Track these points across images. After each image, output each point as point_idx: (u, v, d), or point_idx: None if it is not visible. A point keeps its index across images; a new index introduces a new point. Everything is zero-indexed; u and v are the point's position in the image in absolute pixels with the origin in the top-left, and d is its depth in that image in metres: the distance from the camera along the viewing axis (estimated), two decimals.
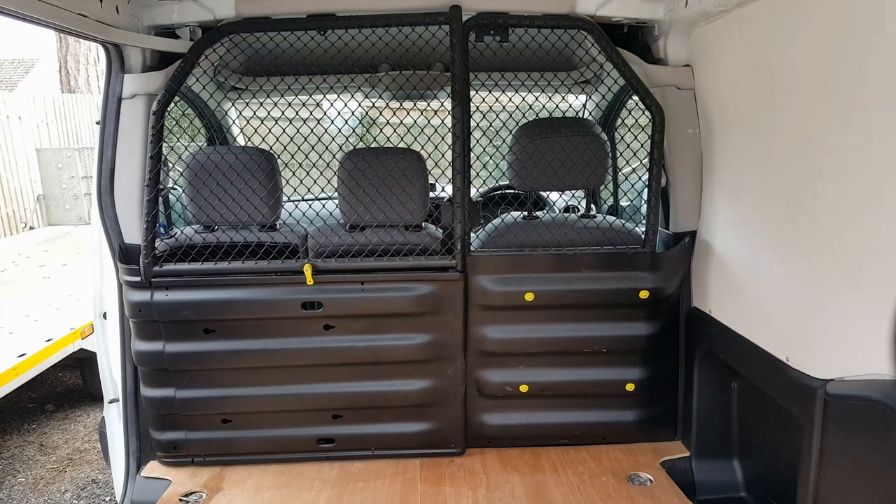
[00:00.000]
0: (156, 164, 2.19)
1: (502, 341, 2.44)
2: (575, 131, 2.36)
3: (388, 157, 2.33)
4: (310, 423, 2.47)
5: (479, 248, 2.39)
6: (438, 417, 2.50)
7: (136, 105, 2.29)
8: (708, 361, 2.38)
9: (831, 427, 1.57)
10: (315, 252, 2.37)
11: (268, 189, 2.30)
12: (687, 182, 2.38)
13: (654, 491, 2.29)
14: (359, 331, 2.38)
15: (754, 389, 2.20)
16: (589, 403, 2.53)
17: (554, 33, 2.29)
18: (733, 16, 1.98)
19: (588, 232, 2.39)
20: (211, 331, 2.35)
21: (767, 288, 1.92)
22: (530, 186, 2.45)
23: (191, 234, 2.39)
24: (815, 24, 1.59)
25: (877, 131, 1.39)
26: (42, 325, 4.45)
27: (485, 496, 2.28)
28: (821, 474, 1.61)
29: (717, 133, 2.23)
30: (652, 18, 2.33)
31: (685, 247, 2.37)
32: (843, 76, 1.49)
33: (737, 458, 2.41)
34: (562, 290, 2.38)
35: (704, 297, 2.36)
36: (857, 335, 1.50)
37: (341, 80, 2.69)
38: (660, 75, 2.35)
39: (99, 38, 2.04)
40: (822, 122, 1.60)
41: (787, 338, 1.80)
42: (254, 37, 2.28)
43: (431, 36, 2.26)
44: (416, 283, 2.34)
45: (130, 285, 2.31)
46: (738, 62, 2.03)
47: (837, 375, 1.57)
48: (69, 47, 15.38)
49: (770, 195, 1.90)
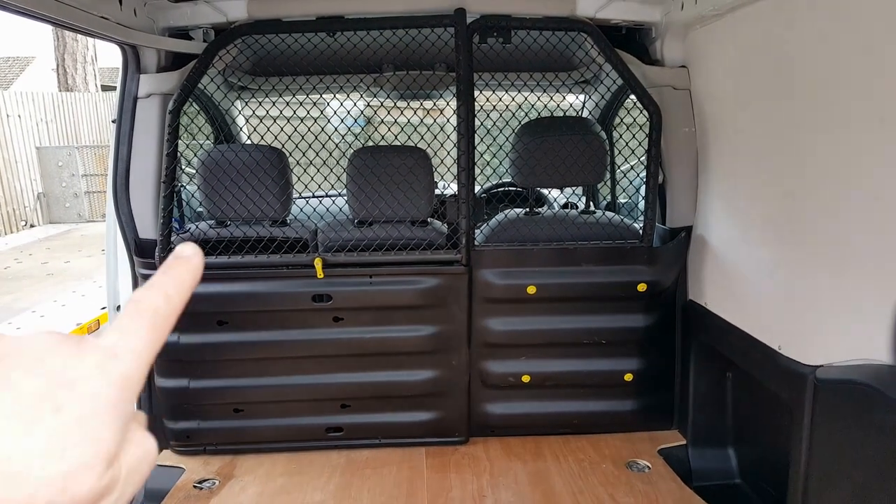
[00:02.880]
0: (172, 162, 2.26)
1: (505, 333, 2.52)
2: (575, 130, 2.44)
3: (395, 154, 2.40)
4: (319, 412, 2.55)
5: (483, 242, 2.47)
6: (443, 407, 2.58)
7: (152, 104, 2.36)
8: (703, 352, 2.46)
9: (820, 410, 1.66)
10: (325, 246, 2.44)
11: (280, 185, 2.37)
12: (683, 179, 2.46)
13: (651, 477, 2.37)
14: (367, 323, 2.46)
15: (748, 379, 2.28)
16: (588, 393, 2.61)
17: (555, 35, 2.37)
18: (727, 19, 2.06)
19: (588, 227, 2.47)
20: (224, 322, 2.42)
21: (760, 280, 2.00)
22: (532, 183, 2.52)
23: (205, 228, 2.46)
24: (807, 26, 1.67)
25: (867, 130, 1.47)
26: (48, 321, 4.52)
27: (489, 482, 2.36)
28: (811, 456, 1.70)
29: (711, 132, 2.31)
30: (649, 21, 2.41)
31: (681, 241, 2.46)
32: (834, 76, 1.58)
33: (731, 446, 2.49)
34: (563, 284, 2.46)
35: (700, 289, 2.44)
36: (844, 323, 1.58)
37: (350, 80, 2.76)
38: (657, 76, 2.43)
39: (118, 40, 2.11)
40: (812, 121, 1.68)
41: (778, 327, 1.89)
42: (265, 38, 2.34)
43: (437, 38, 2.33)
44: (422, 276, 2.42)
45: (146, 279, 2.37)
46: (732, 63, 2.12)
47: (826, 361, 1.65)
48: (66, 46, 15.39)
49: (762, 191, 1.98)
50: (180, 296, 0.41)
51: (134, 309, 0.39)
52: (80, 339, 0.36)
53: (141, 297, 0.40)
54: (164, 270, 0.42)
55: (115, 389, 0.35)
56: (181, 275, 0.42)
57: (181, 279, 0.42)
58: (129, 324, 0.38)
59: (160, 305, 0.40)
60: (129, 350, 0.37)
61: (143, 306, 0.39)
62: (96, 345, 0.36)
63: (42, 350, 0.35)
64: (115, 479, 0.34)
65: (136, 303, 0.39)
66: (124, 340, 0.37)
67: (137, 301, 0.39)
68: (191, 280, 0.42)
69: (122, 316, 0.39)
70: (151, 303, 0.40)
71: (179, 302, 0.41)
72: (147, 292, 0.40)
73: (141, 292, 0.40)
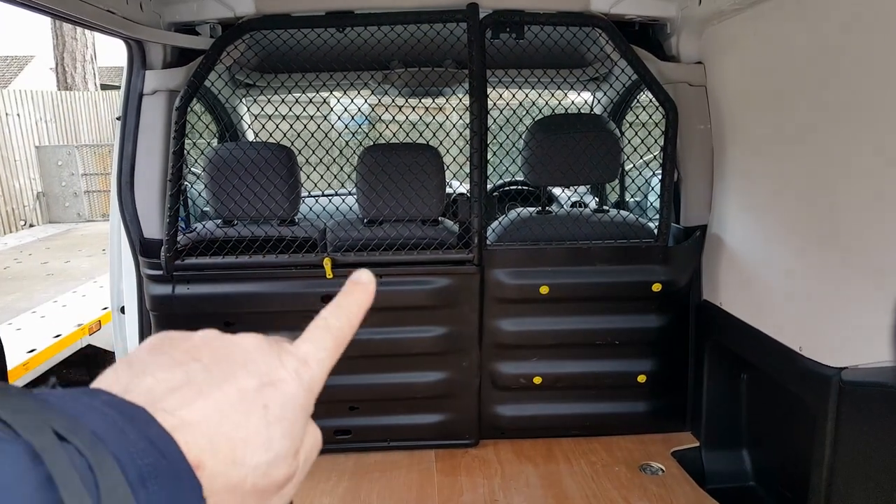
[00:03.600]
0: (178, 160, 2.22)
1: (517, 334, 2.48)
2: (589, 127, 2.40)
3: (405, 152, 2.36)
4: (327, 414, 2.51)
5: (496, 241, 2.43)
6: (453, 409, 2.54)
7: (158, 101, 2.32)
8: (718, 353, 2.43)
9: (845, 414, 1.62)
10: (334, 246, 2.40)
11: (289, 184, 2.33)
12: (698, 177, 2.43)
13: (665, 480, 2.34)
14: (377, 323, 2.41)
15: (764, 380, 2.25)
16: (601, 395, 2.57)
17: (569, 30, 2.33)
18: (747, 14, 2.02)
19: (602, 226, 2.43)
20: (231, 323, 2.38)
21: (779, 280, 1.96)
22: (545, 182, 2.49)
23: (212, 228, 2.42)
24: (831, 21, 1.63)
25: (890, 128, 1.44)
26: (49, 322, 4.47)
27: (500, 485, 2.32)
28: (835, 460, 1.66)
29: (728, 129, 2.27)
30: (665, 16, 2.37)
31: (696, 240, 2.42)
32: (856, 74, 1.54)
33: (745, 448, 2.46)
34: (576, 283, 2.42)
35: (715, 289, 2.40)
36: (871, 324, 1.55)
37: (360, 76, 2.72)
38: (672, 72, 2.39)
39: (124, 35, 2.06)
40: (833, 119, 1.65)
41: (799, 328, 1.85)
42: (274, 34, 2.30)
43: (450, 33, 2.29)
44: (433, 276, 2.38)
45: (152, 279, 2.33)
46: (751, 59, 2.08)
47: (851, 364, 1.61)
48: (65, 45, 15.35)
49: (781, 190, 1.94)
50: (358, 318, 0.48)
51: (324, 325, 0.46)
52: (279, 346, 0.43)
53: (329, 314, 0.46)
54: (347, 293, 0.48)
55: (305, 392, 0.41)
56: (360, 300, 0.48)
57: (360, 303, 0.48)
58: (319, 337, 0.45)
59: (343, 326, 0.46)
60: (318, 360, 0.44)
61: (331, 324, 0.46)
62: (293, 352, 0.43)
63: (252, 352, 0.41)
64: (298, 466, 0.41)
65: (325, 320, 0.46)
66: (315, 352, 0.44)
67: (326, 318, 0.46)
68: (367, 304, 0.48)
69: (313, 329, 0.45)
70: (337, 322, 0.46)
71: (357, 323, 0.47)
72: (335, 311, 0.47)
73: (329, 310, 0.47)
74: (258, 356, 0.40)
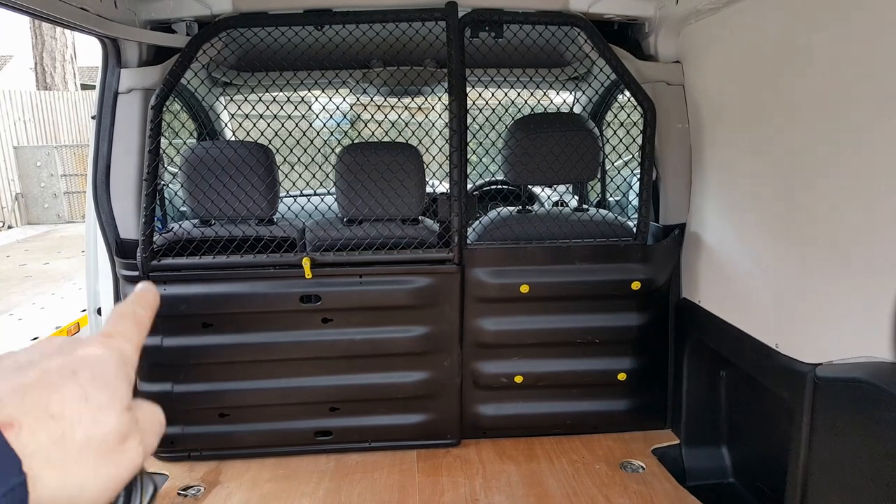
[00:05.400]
0: (154, 159, 2.19)
1: (498, 333, 2.48)
2: (569, 126, 2.41)
3: (385, 151, 2.35)
4: (307, 415, 2.49)
5: (476, 241, 2.43)
6: (435, 409, 2.53)
7: (133, 100, 2.29)
8: (697, 351, 2.44)
9: (820, 408, 1.64)
10: (313, 246, 2.38)
11: (266, 183, 2.31)
12: (676, 176, 2.44)
13: (646, 477, 2.35)
14: (357, 324, 2.40)
15: (743, 377, 2.26)
16: (582, 393, 2.58)
17: (548, 29, 2.33)
18: (724, 13, 2.04)
19: (581, 225, 2.44)
20: (209, 325, 2.36)
21: (755, 277, 1.98)
22: (525, 180, 2.49)
23: (189, 228, 2.39)
24: (805, 20, 1.65)
25: (864, 125, 1.45)
26: (27, 324, 4.41)
27: (482, 485, 2.32)
28: (811, 455, 1.68)
29: (706, 128, 2.29)
30: (643, 16, 2.38)
31: (675, 239, 2.43)
32: (832, 71, 1.56)
33: (725, 445, 2.48)
34: (556, 282, 2.43)
35: (694, 287, 2.42)
36: (843, 320, 1.56)
37: (339, 75, 2.70)
38: (650, 71, 2.41)
39: (98, 33, 2.03)
40: (809, 117, 1.66)
41: (775, 325, 1.86)
42: (252, 31, 2.28)
43: (429, 32, 2.29)
44: (413, 275, 2.37)
45: (128, 280, 2.30)
46: (727, 58, 2.09)
47: (825, 359, 1.63)
48: (45, 44, 15.15)
49: (758, 188, 1.96)
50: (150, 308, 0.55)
51: (117, 312, 0.52)
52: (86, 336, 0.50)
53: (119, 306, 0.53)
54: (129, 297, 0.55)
55: (114, 356, 0.47)
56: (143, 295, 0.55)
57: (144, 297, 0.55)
58: (117, 319, 0.51)
59: (137, 309, 0.53)
60: (120, 333, 0.50)
61: (124, 310, 0.52)
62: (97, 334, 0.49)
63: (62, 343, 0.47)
64: (133, 421, 0.46)
65: (116, 308, 0.52)
66: (115, 328, 0.50)
67: (117, 308, 0.53)
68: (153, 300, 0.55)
69: (108, 319, 0.51)
70: (129, 307, 0.53)
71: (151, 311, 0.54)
72: (123, 303, 0.53)
73: (118, 305, 0.53)
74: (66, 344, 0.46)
